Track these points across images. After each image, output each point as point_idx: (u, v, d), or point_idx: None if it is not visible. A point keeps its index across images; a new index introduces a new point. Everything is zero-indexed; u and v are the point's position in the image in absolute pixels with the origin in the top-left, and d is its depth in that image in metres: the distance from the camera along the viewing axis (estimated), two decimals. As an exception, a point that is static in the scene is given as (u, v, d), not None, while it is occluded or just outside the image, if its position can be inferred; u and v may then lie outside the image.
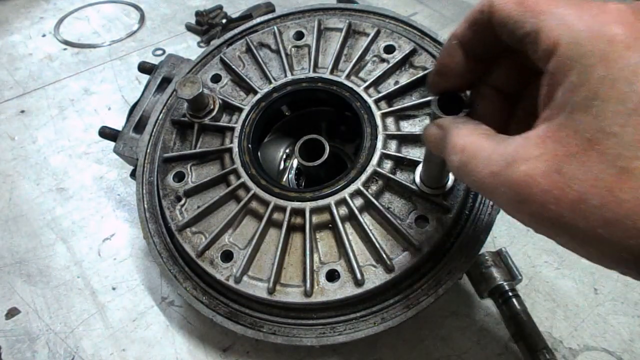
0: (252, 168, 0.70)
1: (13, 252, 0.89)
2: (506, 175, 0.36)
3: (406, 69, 0.74)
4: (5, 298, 0.83)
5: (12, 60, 1.33)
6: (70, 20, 1.48)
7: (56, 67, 1.31)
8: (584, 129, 0.33)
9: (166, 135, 0.79)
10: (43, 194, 0.99)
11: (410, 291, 0.63)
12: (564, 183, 0.33)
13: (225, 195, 0.70)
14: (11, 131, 1.13)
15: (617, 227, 0.32)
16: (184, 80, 0.71)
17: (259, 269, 0.66)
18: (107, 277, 0.84)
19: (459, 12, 1.39)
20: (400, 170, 0.66)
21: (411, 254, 0.62)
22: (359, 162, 0.67)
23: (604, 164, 0.32)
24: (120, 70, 1.28)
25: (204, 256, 0.68)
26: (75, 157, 1.06)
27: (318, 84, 0.74)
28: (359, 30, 0.78)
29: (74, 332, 0.78)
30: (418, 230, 0.63)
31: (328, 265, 0.64)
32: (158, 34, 1.40)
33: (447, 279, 0.62)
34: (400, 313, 0.62)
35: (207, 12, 1.38)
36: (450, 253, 0.63)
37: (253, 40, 0.81)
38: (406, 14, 1.39)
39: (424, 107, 0.69)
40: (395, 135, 0.68)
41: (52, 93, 1.23)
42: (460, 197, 0.63)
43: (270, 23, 0.85)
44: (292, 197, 0.67)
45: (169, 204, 0.73)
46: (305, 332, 0.65)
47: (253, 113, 0.75)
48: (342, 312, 0.64)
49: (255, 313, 0.67)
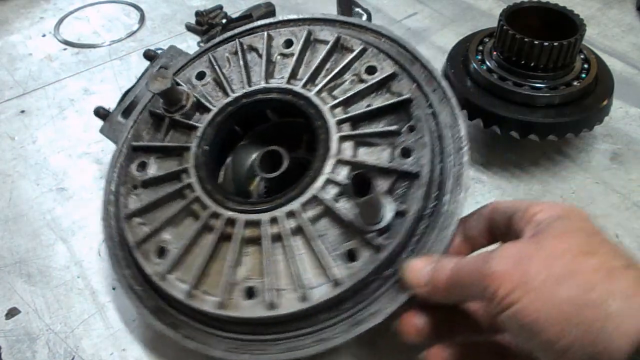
0: (203, 170, 0.70)
1: (13, 252, 0.89)
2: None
3: (382, 93, 0.70)
4: (5, 298, 0.83)
5: (12, 60, 1.33)
6: (70, 20, 1.48)
7: (56, 67, 1.31)
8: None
9: (142, 125, 0.80)
10: (43, 194, 0.99)
11: (325, 325, 0.60)
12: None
13: (174, 193, 0.71)
14: (11, 131, 1.13)
15: None
16: (156, 74, 0.72)
17: (186, 271, 0.66)
18: (107, 277, 0.84)
19: (459, 12, 1.39)
20: (346, 198, 0.63)
21: (331, 288, 0.59)
22: (303, 183, 0.64)
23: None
24: (120, 70, 1.28)
25: (141, 248, 0.69)
26: (75, 157, 1.06)
27: (288, 95, 0.72)
28: (347, 45, 0.75)
29: (74, 332, 0.78)
30: (345, 264, 0.60)
31: (250, 281, 0.63)
32: (158, 34, 1.40)
33: (367, 320, 0.59)
34: (310, 346, 0.60)
35: (207, 12, 1.38)
36: (378, 294, 0.60)
37: (244, 43, 0.80)
38: (406, 14, 1.39)
39: (388, 136, 0.66)
40: (348, 162, 0.65)
41: (52, 93, 1.23)
42: (398, 239, 0.59)
43: (270, 27, 0.83)
44: (232, 206, 0.66)
45: (126, 191, 0.74)
46: (218, 342, 0.64)
47: (219, 116, 0.75)
48: (254, 331, 0.63)
49: (178, 314, 0.67)
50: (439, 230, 0.61)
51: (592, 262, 0.45)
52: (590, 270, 0.44)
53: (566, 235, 0.48)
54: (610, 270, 0.43)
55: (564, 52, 0.84)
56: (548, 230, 0.49)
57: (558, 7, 0.92)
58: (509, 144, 0.97)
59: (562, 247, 0.46)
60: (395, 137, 0.65)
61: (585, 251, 0.46)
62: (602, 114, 0.90)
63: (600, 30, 1.28)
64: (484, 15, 1.36)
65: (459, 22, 1.35)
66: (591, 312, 0.42)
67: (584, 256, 0.45)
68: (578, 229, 0.49)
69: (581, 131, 0.88)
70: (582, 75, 0.90)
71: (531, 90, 0.87)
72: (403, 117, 0.67)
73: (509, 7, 0.92)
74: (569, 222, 0.49)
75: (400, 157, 0.64)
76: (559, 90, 0.88)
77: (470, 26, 1.29)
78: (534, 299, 0.44)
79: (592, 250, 0.46)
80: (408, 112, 0.66)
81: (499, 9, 0.92)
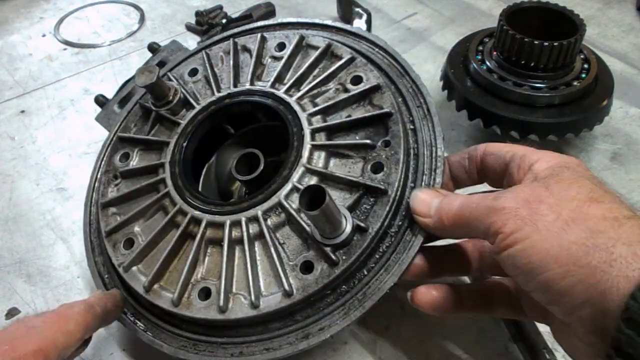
0: (177, 166, 0.71)
1: (13, 252, 0.89)
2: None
3: (364, 105, 0.68)
4: (6, 298, 0.83)
5: (12, 60, 1.33)
6: (70, 20, 1.48)
7: (56, 67, 1.31)
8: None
9: (131, 116, 0.81)
10: (43, 194, 0.99)
11: (275, 335, 0.60)
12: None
13: (148, 186, 0.72)
14: (11, 131, 1.13)
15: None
16: (144, 68, 0.73)
17: (149, 265, 0.66)
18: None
19: (459, 12, 1.39)
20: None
21: (282, 298, 0.58)
22: (269, 189, 0.64)
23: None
24: (120, 70, 1.28)
25: (111, 237, 0.70)
26: (75, 157, 1.06)
27: (269, 99, 0.72)
28: (337, 53, 0.73)
29: (74, 332, 0.77)
30: (299, 275, 0.59)
31: (206, 282, 0.63)
32: (158, 34, 1.40)
33: (315, 335, 0.58)
34: (257, 354, 0.60)
35: (207, 12, 1.38)
36: (331, 309, 0.59)
37: (238, 43, 0.80)
38: (406, 14, 1.39)
39: (362, 149, 0.64)
40: (317, 172, 0.64)
41: (52, 93, 1.23)
42: (356, 255, 0.58)
43: (267, 29, 0.83)
44: (198, 205, 0.66)
45: (107, 180, 0.75)
46: (171, 339, 0.65)
47: (201, 114, 0.75)
48: (206, 332, 0.63)
49: (139, 307, 0.67)
50: (403, 251, 0.59)
51: (599, 209, 0.46)
52: (598, 216, 0.46)
53: (574, 183, 0.49)
54: (616, 218, 0.45)
55: (564, 52, 0.84)
56: (555, 177, 0.50)
57: (558, 7, 0.92)
58: (509, 144, 0.97)
59: (571, 193, 0.48)
60: (369, 151, 0.64)
61: (593, 198, 0.47)
62: (602, 114, 0.90)
63: (600, 30, 1.28)
64: (484, 15, 1.36)
65: (459, 22, 1.35)
66: (598, 255, 0.43)
67: (591, 203, 0.47)
68: (584, 178, 0.50)
69: (581, 131, 0.88)
70: (582, 75, 0.90)
71: (531, 90, 0.87)
72: (381, 131, 0.65)
73: (509, 7, 0.92)
74: (574, 171, 0.51)
75: (371, 172, 0.62)
76: (559, 90, 0.88)
77: (470, 26, 1.29)
78: (541, 238, 0.46)
79: (598, 199, 0.47)
80: (386, 127, 0.65)
81: (499, 9, 0.92)
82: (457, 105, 0.93)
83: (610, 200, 0.48)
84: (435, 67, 1.08)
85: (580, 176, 0.51)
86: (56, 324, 0.56)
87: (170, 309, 0.62)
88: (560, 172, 0.51)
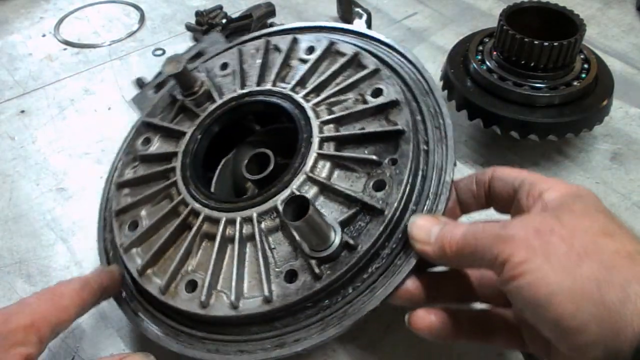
0: (188, 157, 0.72)
1: (13, 252, 0.89)
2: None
3: (379, 119, 0.66)
4: (6, 298, 0.83)
5: (12, 60, 1.33)
6: (70, 20, 1.48)
7: (56, 67, 1.31)
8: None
9: (160, 102, 0.82)
10: (43, 194, 0.99)
11: (252, 338, 0.60)
12: None
13: (160, 173, 0.73)
14: (11, 131, 1.13)
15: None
16: (173, 57, 0.75)
17: (147, 249, 0.67)
18: (107, 277, 0.84)
19: (459, 12, 1.39)
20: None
21: (261, 303, 0.58)
22: (268, 193, 0.63)
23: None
24: (120, 70, 1.28)
25: (119, 217, 0.71)
26: (75, 157, 1.06)
27: (287, 102, 0.71)
28: (363, 63, 0.71)
29: (73, 332, 0.78)
30: (282, 283, 0.58)
31: (195, 275, 0.63)
32: (158, 34, 1.40)
33: (289, 345, 0.58)
34: (231, 353, 0.60)
35: (207, 12, 1.38)
36: (309, 322, 0.58)
37: (271, 42, 0.81)
38: (406, 14, 1.39)
39: (367, 164, 0.63)
40: (318, 181, 0.63)
41: (52, 93, 1.23)
42: (340, 272, 0.57)
43: (301, 31, 0.83)
44: (200, 198, 0.67)
45: (127, 161, 0.77)
46: (158, 325, 0.65)
47: (220, 109, 0.76)
48: (187, 324, 0.63)
49: (134, 289, 0.69)
50: (391, 275, 0.57)
51: (613, 243, 0.45)
52: (611, 251, 0.44)
53: (586, 215, 0.48)
54: (629, 254, 0.44)
55: (564, 52, 0.84)
56: (567, 208, 0.49)
57: (558, 7, 0.92)
58: (509, 144, 0.97)
59: (584, 226, 0.46)
60: (375, 168, 0.62)
61: (606, 232, 0.46)
62: (602, 114, 0.90)
63: (600, 30, 1.28)
64: (484, 15, 1.36)
65: (459, 22, 1.35)
66: (612, 292, 0.41)
67: (605, 236, 0.45)
68: (596, 210, 0.49)
69: (581, 131, 0.88)
70: (582, 75, 0.90)
71: (531, 90, 0.87)
72: (391, 148, 0.63)
73: (509, 7, 0.92)
74: (586, 202, 0.49)
75: (372, 189, 0.60)
76: (559, 90, 0.88)
77: (470, 26, 1.29)
78: (553, 270, 0.44)
79: (612, 232, 0.46)
80: (397, 144, 0.63)
81: (499, 9, 0.92)
82: (457, 105, 0.93)
83: (624, 235, 0.46)
84: (435, 67, 1.07)
85: (593, 208, 0.49)
86: (50, 300, 0.57)
87: (157, 295, 0.63)
88: (572, 202, 0.49)
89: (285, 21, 1.36)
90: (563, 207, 0.49)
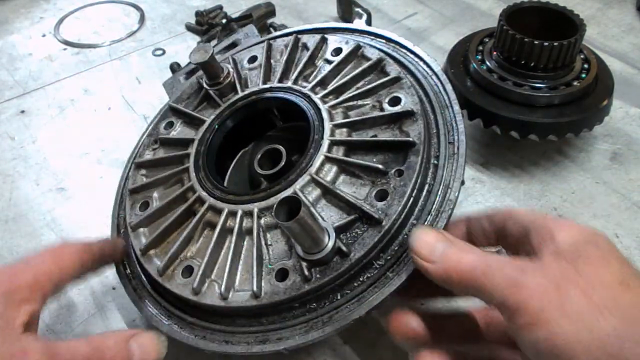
0: (203, 146, 0.73)
1: (13, 252, 0.89)
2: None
3: (392, 128, 0.66)
4: (5, 298, 0.83)
5: (12, 60, 1.33)
6: (70, 20, 1.48)
7: (56, 67, 1.31)
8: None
9: (188, 89, 0.84)
10: (43, 194, 0.99)
11: (237, 330, 0.60)
12: None
13: (176, 157, 0.75)
14: (11, 131, 1.13)
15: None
16: (201, 46, 0.75)
17: (153, 230, 0.69)
18: (107, 277, 0.84)
19: (459, 12, 1.39)
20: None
21: (249, 298, 0.58)
22: (271, 190, 0.63)
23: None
24: (120, 70, 1.28)
25: (132, 196, 0.74)
26: (75, 157, 1.06)
27: (305, 101, 0.71)
28: (386, 70, 0.71)
29: (74, 331, 0.78)
30: (272, 280, 0.59)
31: (193, 261, 0.64)
32: (158, 34, 1.40)
33: (271, 342, 0.58)
34: (215, 342, 0.61)
35: (207, 12, 1.38)
36: (294, 322, 0.58)
37: (300, 40, 0.81)
38: (406, 14, 1.39)
39: (373, 173, 0.62)
40: (322, 185, 0.62)
41: (52, 93, 1.23)
42: (329, 278, 0.57)
43: (334, 32, 0.83)
44: (207, 187, 0.68)
45: (148, 142, 0.79)
46: (153, 305, 0.67)
47: (240, 101, 0.77)
48: (180, 308, 0.65)
49: (137, 267, 0.70)
50: (381, 286, 0.57)
51: (631, 295, 0.44)
52: (631, 304, 0.43)
53: (603, 264, 0.47)
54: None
55: (564, 52, 0.84)
56: (583, 256, 0.47)
57: (558, 7, 0.92)
58: (509, 144, 0.97)
59: (602, 277, 0.45)
60: (380, 177, 0.62)
61: (624, 282, 0.45)
62: (602, 114, 0.90)
63: (600, 30, 1.28)
64: (484, 15, 1.36)
65: (459, 22, 1.35)
66: (632, 347, 0.41)
67: (623, 288, 0.45)
68: (611, 257, 0.48)
69: (581, 131, 0.88)
70: (582, 75, 0.90)
71: (531, 90, 0.87)
72: (399, 159, 0.63)
73: (509, 7, 0.92)
74: (601, 249, 0.48)
75: (374, 198, 0.60)
76: (559, 90, 0.88)
77: (470, 26, 1.29)
78: (571, 323, 0.43)
79: (629, 282, 0.45)
80: (405, 156, 0.62)
81: (499, 9, 0.92)
82: (457, 105, 0.93)
83: (638, 284, 0.45)
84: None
85: (609, 254, 0.48)
86: (52, 259, 0.58)
87: (155, 276, 0.64)
88: (587, 249, 0.48)
89: (285, 21, 1.36)
90: (579, 254, 0.47)
